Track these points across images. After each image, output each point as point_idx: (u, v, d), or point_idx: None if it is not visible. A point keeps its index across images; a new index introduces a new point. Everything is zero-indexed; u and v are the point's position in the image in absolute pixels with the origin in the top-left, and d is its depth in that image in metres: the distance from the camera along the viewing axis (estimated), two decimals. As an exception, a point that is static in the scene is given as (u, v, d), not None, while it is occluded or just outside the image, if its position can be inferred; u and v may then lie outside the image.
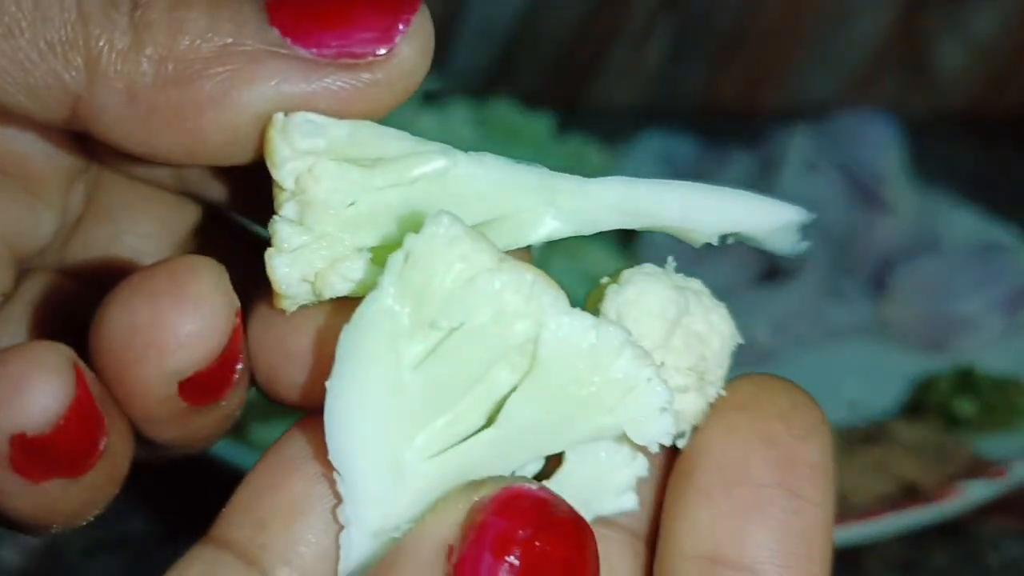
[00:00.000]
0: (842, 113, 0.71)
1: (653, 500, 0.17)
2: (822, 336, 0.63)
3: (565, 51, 1.14)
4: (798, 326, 0.60)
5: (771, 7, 1.12)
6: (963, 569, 0.46)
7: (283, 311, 0.18)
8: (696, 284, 0.19)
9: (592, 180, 0.19)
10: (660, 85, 1.16)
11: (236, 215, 0.23)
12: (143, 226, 0.23)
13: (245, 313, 0.18)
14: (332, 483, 0.17)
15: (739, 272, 0.63)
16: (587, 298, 0.20)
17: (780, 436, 0.16)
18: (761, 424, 0.16)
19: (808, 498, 0.16)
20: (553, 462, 0.18)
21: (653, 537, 0.17)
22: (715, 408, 0.17)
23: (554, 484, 0.17)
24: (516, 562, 0.14)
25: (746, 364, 0.62)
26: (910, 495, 0.44)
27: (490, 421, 0.17)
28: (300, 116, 0.18)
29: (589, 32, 1.13)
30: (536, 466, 0.18)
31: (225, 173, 0.21)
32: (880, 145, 0.69)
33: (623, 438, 0.17)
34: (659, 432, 0.16)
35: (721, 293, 0.60)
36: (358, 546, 0.17)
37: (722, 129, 1.09)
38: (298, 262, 0.18)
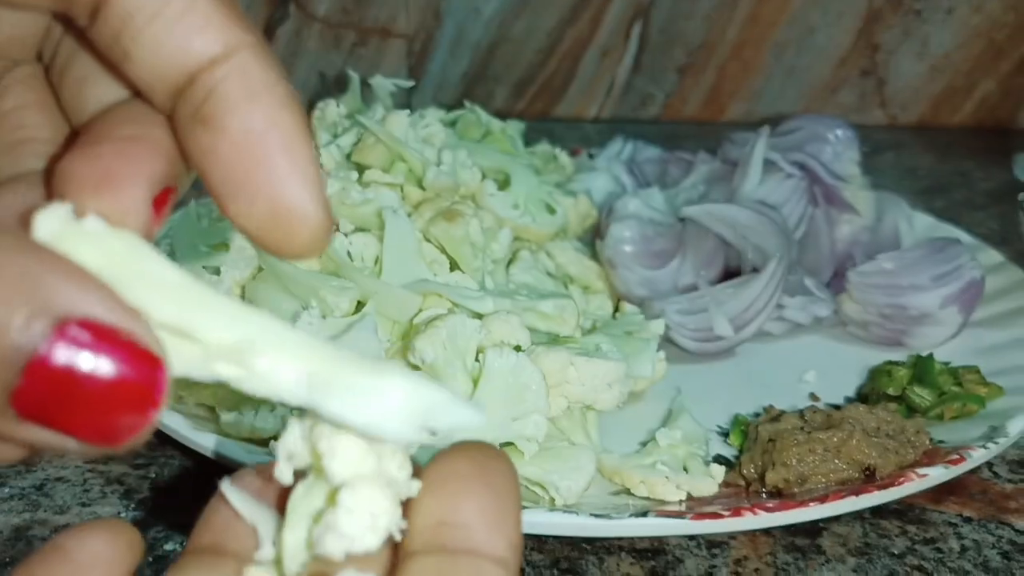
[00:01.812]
0: (800, 118, 0.73)
1: None
2: (783, 331, 0.64)
3: (537, 64, 1.15)
4: (759, 321, 0.61)
5: (736, 20, 1.14)
6: (922, 553, 0.47)
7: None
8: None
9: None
10: (628, 97, 1.17)
11: None
12: None
13: None
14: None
15: (701, 271, 0.65)
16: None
17: (475, 454, 0.22)
18: (463, 451, 0.23)
19: (500, 483, 0.22)
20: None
21: None
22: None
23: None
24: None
25: (712, 357, 0.63)
26: (868, 479, 0.45)
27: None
28: None
29: (559, 45, 1.14)
30: None
31: None
32: (839, 148, 0.71)
33: None
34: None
35: (684, 290, 0.62)
36: None
37: (688, 135, 1.11)
38: None
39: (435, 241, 0.54)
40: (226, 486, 0.23)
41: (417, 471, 0.22)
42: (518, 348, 0.48)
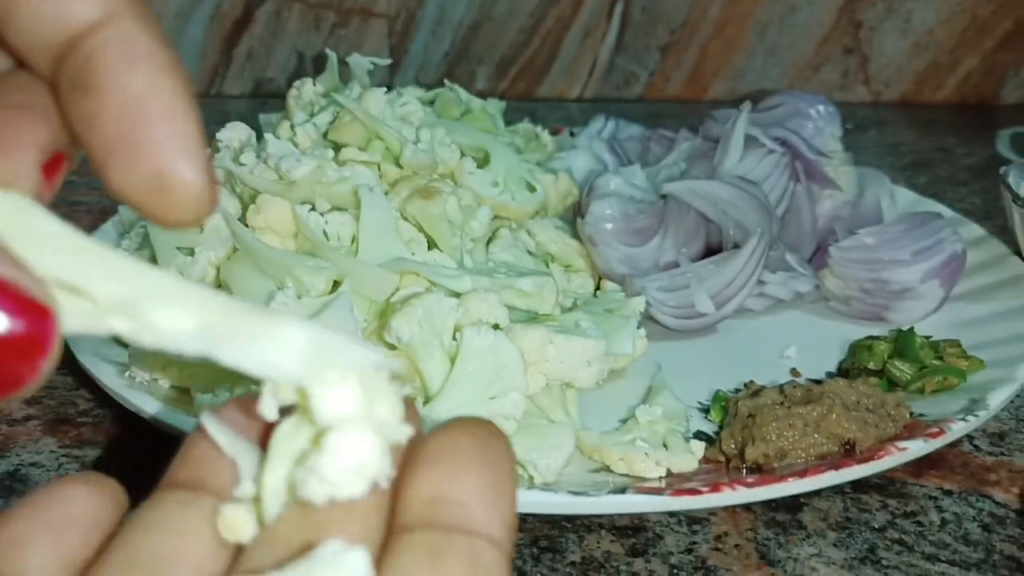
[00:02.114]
0: (782, 94, 0.72)
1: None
2: (765, 307, 0.64)
3: (519, 44, 1.14)
4: (740, 298, 0.61)
5: (716, -3, 1.14)
6: (903, 526, 0.47)
7: None
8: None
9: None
10: (611, 76, 1.17)
11: None
12: None
13: None
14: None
15: (682, 248, 0.64)
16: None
17: (477, 431, 0.22)
18: (464, 426, 0.22)
19: (499, 461, 0.22)
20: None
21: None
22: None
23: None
24: None
25: (694, 334, 0.63)
26: (848, 453, 0.45)
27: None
28: None
29: (542, 25, 1.13)
30: None
31: None
32: (820, 123, 0.70)
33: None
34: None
35: (665, 267, 0.61)
36: None
37: (671, 114, 1.11)
38: None
39: (412, 220, 0.54)
40: (207, 418, 0.22)
41: (415, 442, 0.22)
42: (496, 326, 0.47)
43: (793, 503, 0.48)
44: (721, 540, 0.45)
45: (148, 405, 0.46)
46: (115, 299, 0.20)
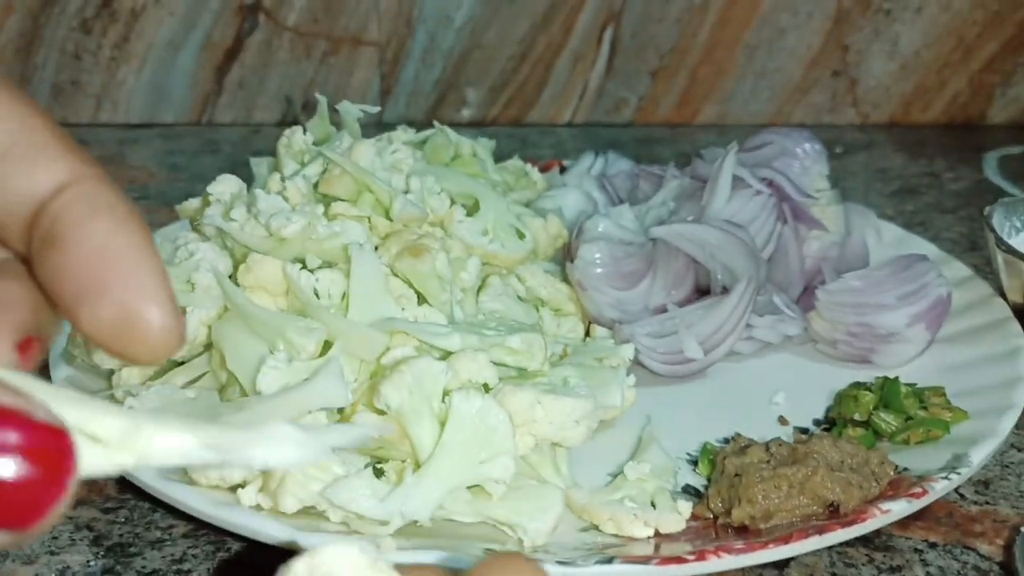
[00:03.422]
0: (768, 132, 0.73)
1: None
2: (754, 350, 0.64)
3: (509, 70, 1.15)
4: (728, 343, 0.61)
5: (706, 23, 1.14)
6: (888, 580, 0.48)
7: None
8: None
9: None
10: (601, 101, 1.17)
11: None
12: None
13: None
14: None
15: (672, 291, 0.65)
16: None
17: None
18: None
19: None
20: None
21: None
22: None
23: None
24: None
25: (683, 379, 0.63)
26: (832, 515, 0.46)
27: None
28: None
29: (532, 51, 1.14)
30: None
31: None
32: (807, 162, 0.71)
33: None
34: None
35: (655, 311, 0.61)
36: None
37: (662, 138, 1.11)
38: None
39: (402, 275, 0.54)
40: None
41: None
42: (486, 386, 0.48)
43: (780, 560, 0.48)
44: (709, 598, 0.46)
45: (141, 473, 0.46)
46: (120, 439, 0.21)
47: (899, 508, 0.46)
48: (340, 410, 0.48)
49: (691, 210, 0.69)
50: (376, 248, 0.55)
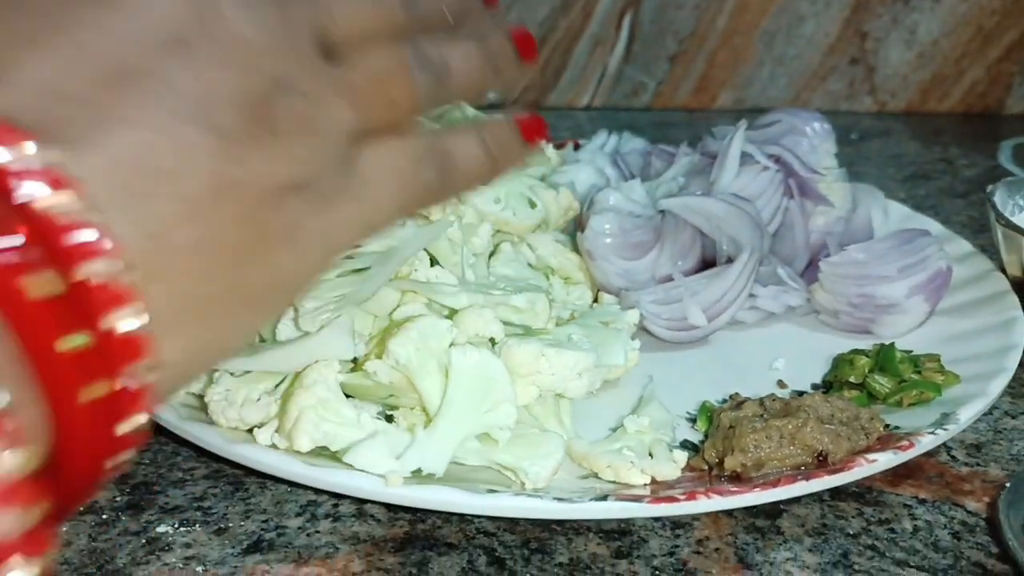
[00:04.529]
0: (778, 111, 0.75)
1: None
2: (757, 320, 0.66)
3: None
4: (731, 311, 0.63)
5: (725, 9, 1.16)
6: (876, 533, 0.49)
7: None
8: None
9: None
10: (619, 85, 1.19)
11: None
12: None
13: None
14: None
15: (678, 262, 0.67)
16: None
17: None
18: None
19: None
20: None
21: None
22: None
23: None
24: None
25: (686, 346, 0.65)
26: (821, 464, 0.48)
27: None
28: None
29: (552, 35, 1.16)
30: None
31: None
32: (815, 140, 0.72)
33: None
34: None
35: (661, 281, 0.64)
36: None
37: (679, 123, 1.13)
38: None
39: None
40: None
41: None
42: (493, 341, 0.50)
43: (773, 510, 0.50)
44: (702, 544, 0.48)
45: (165, 415, 0.49)
46: None
47: (885, 459, 0.47)
48: (354, 360, 0.50)
49: (700, 185, 0.71)
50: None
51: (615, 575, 0.46)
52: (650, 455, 0.50)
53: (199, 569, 0.46)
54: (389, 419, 0.49)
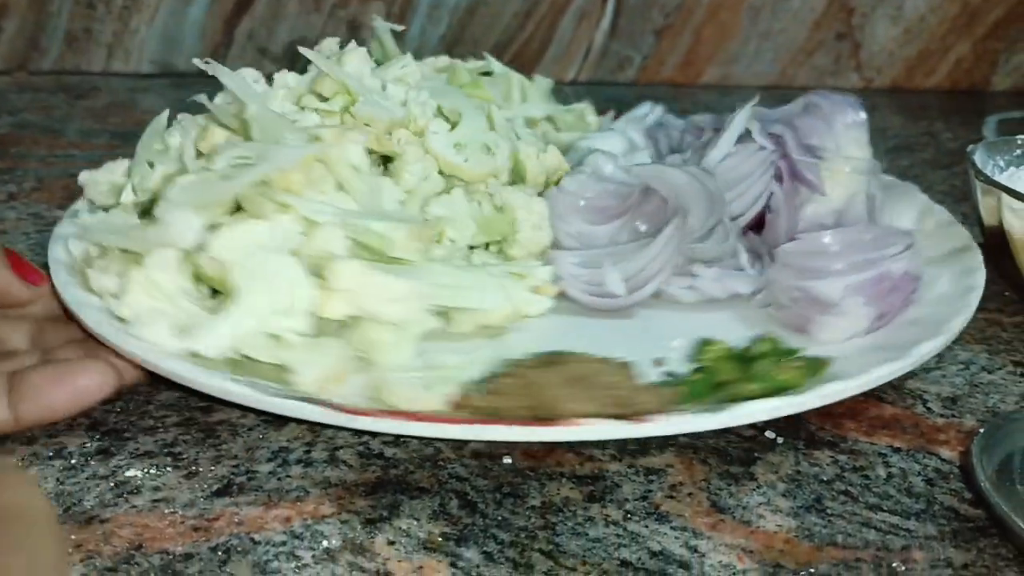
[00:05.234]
0: (817, 94, 0.69)
1: None
2: (695, 300, 0.62)
3: (515, 27, 1.17)
4: (653, 284, 0.60)
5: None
6: (850, 479, 0.49)
7: None
8: None
9: None
10: (605, 60, 1.19)
11: None
12: None
13: None
14: None
15: (639, 232, 0.64)
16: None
17: None
18: None
19: None
20: None
21: None
22: None
23: None
24: None
25: (603, 315, 0.64)
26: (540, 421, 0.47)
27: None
28: None
29: (537, 9, 1.16)
30: None
31: None
32: (837, 128, 0.67)
33: None
34: None
35: (600, 246, 0.62)
36: None
37: (664, 98, 1.13)
38: None
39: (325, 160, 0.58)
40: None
41: None
42: (331, 257, 0.52)
43: (747, 457, 0.50)
44: (676, 489, 0.48)
45: (140, 350, 0.50)
46: None
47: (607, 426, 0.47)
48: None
49: (695, 160, 0.67)
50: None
51: (587, 518, 0.46)
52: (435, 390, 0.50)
53: (167, 511, 0.45)
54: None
